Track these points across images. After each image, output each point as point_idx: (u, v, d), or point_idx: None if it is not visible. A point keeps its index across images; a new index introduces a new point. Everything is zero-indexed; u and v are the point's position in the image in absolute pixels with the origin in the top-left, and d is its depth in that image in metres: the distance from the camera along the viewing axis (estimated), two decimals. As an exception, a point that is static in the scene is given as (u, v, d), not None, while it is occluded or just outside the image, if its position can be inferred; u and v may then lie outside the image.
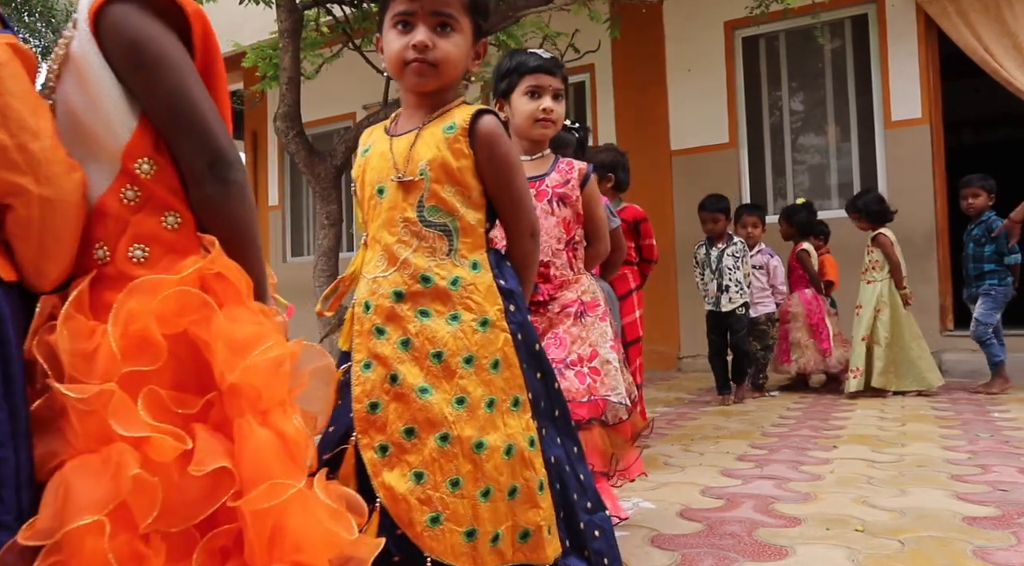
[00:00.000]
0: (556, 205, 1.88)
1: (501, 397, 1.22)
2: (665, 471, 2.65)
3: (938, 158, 5.38)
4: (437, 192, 1.26)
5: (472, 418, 1.19)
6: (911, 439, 3.01)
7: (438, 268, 1.25)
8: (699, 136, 6.03)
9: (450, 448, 1.17)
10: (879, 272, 4.31)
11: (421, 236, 1.26)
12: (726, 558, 1.72)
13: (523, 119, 1.87)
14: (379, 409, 1.19)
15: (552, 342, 1.80)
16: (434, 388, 1.19)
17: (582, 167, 1.93)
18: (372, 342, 1.23)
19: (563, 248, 1.87)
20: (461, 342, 1.21)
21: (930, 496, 2.17)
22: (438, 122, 1.30)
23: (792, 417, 3.73)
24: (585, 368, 1.78)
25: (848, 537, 1.84)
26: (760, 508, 2.12)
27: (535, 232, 1.37)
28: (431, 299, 1.24)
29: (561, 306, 1.84)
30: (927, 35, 5.37)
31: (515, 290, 1.30)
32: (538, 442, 1.24)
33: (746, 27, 5.85)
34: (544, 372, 1.31)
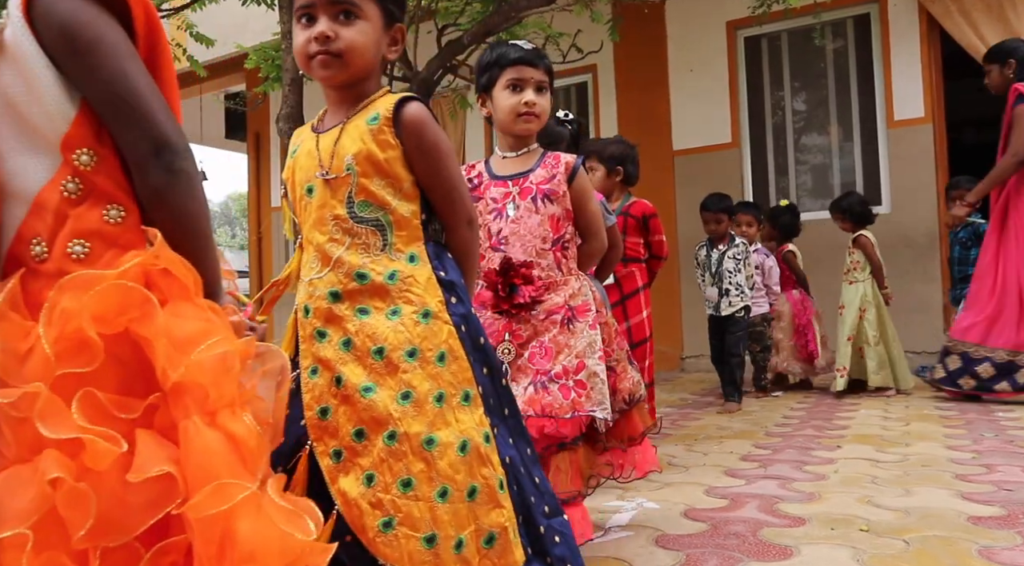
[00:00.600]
0: (541, 202, 1.78)
1: (450, 391, 1.17)
2: (669, 471, 2.65)
3: (941, 157, 5.38)
4: (366, 186, 1.22)
5: (420, 413, 1.13)
6: (915, 439, 3.01)
7: (373, 264, 1.21)
8: (701, 136, 6.03)
9: (398, 446, 1.11)
10: (861, 273, 4.40)
11: (353, 233, 1.22)
12: (731, 558, 1.72)
13: (505, 114, 1.79)
14: (329, 414, 1.15)
15: (537, 351, 1.71)
16: (378, 386, 1.14)
17: (569, 160, 1.83)
18: (315, 346, 1.19)
19: (549, 248, 1.77)
20: (403, 335, 1.16)
21: (935, 496, 2.16)
22: (362, 114, 1.25)
23: (795, 417, 3.72)
24: (571, 381, 1.68)
25: (853, 537, 1.83)
26: (764, 508, 2.11)
27: (472, 220, 1.32)
28: (369, 296, 1.19)
29: (547, 312, 1.73)
30: (929, 34, 5.37)
31: (456, 282, 1.25)
32: (494, 440, 1.18)
33: (748, 27, 5.85)
34: (491, 367, 1.25)
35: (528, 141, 1.85)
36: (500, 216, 1.78)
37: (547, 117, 1.82)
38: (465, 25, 4.49)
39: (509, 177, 1.82)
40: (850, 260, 4.44)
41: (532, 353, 1.71)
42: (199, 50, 5.03)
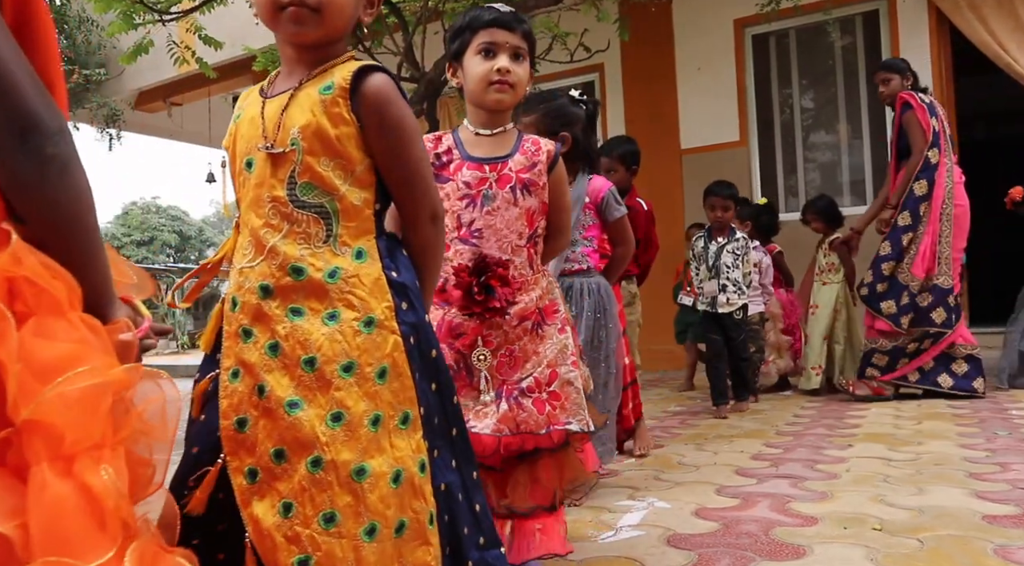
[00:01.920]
0: (521, 194, 1.59)
1: (388, 412, 1.02)
2: (679, 470, 2.64)
3: (951, 154, 5.33)
4: (311, 166, 1.05)
5: (351, 439, 0.99)
6: (927, 437, 2.99)
7: (313, 258, 1.04)
8: (709, 134, 6.01)
9: (323, 475, 0.97)
10: (836, 274, 4.47)
11: (292, 219, 1.05)
12: (743, 557, 1.71)
13: (475, 82, 1.59)
14: (247, 426, 1.01)
15: (506, 361, 1.57)
16: (306, 402, 0.99)
17: (550, 148, 1.66)
18: (239, 346, 1.04)
19: (524, 244, 1.59)
20: (339, 346, 1.01)
21: (948, 494, 2.15)
22: (316, 81, 1.08)
23: (806, 416, 3.70)
24: (544, 393, 1.56)
25: (866, 536, 1.82)
26: (776, 507, 2.10)
27: (437, 215, 1.16)
28: (304, 295, 1.04)
29: (520, 316, 1.58)
30: (939, 30, 5.33)
31: (409, 285, 1.10)
32: (428, 467, 1.06)
33: (756, 25, 5.82)
34: (440, 383, 1.12)
35: (503, 118, 1.65)
36: (473, 205, 1.58)
37: (524, 89, 1.63)
38: (472, 25, 4.48)
39: (486, 160, 1.62)
40: (825, 261, 4.51)
41: (500, 362, 1.58)
42: (208, 52, 5.05)
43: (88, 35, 8.51)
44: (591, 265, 2.45)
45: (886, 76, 4.11)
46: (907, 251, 3.93)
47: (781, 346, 4.56)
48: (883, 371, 3.99)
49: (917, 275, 3.89)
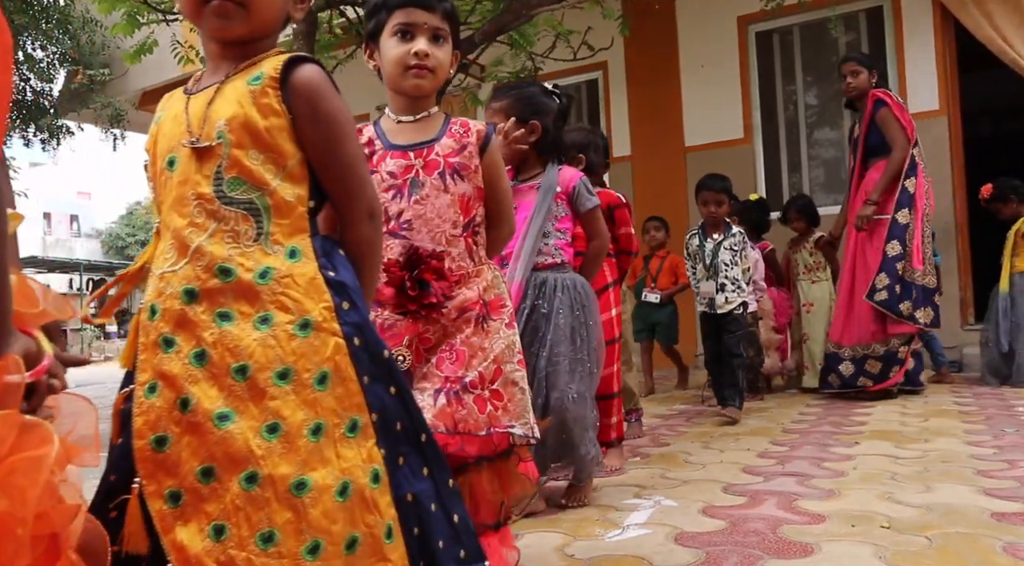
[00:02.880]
0: (451, 179, 1.48)
1: (332, 421, 0.95)
2: (686, 469, 2.64)
3: (956, 150, 5.33)
4: (239, 160, 0.99)
5: (289, 451, 0.92)
6: (934, 435, 2.98)
7: (242, 258, 0.98)
8: (713, 132, 6.00)
9: (259, 492, 0.90)
10: (824, 272, 4.49)
11: (219, 217, 0.99)
12: (751, 556, 1.71)
13: (391, 66, 1.48)
14: (168, 444, 0.93)
15: (447, 356, 1.44)
16: (237, 413, 0.92)
17: (480, 128, 1.54)
18: (158, 357, 0.96)
19: (460, 234, 1.49)
20: (273, 352, 0.94)
21: (956, 492, 2.14)
22: (244, 74, 1.03)
23: (812, 413, 3.70)
24: (486, 391, 1.42)
25: (874, 534, 1.82)
26: (783, 505, 2.10)
27: (375, 213, 1.09)
28: (234, 298, 0.96)
29: (459, 309, 1.46)
30: (943, 26, 5.32)
31: (350, 283, 1.03)
32: (385, 476, 0.98)
33: (759, 22, 5.82)
34: (398, 385, 1.05)
35: (425, 103, 1.54)
36: (400, 195, 1.48)
37: (446, 73, 1.52)
38: (476, 24, 4.49)
39: (410, 147, 1.51)
40: (812, 260, 4.52)
41: (440, 358, 1.44)
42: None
43: (92, 35, 8.52)
44: (565, 259, 2.24)
45: (856, 68, 4.09)
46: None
47: (771, 344, 4.48)
48: (876, 379, 3.94)
49: (917, 267, 3.89)
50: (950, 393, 4.09)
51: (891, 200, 3.94)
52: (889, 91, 4.09)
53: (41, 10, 8.48)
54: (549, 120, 2.23)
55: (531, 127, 2.19)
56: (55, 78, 9.30)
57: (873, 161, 4.04)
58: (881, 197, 3.95)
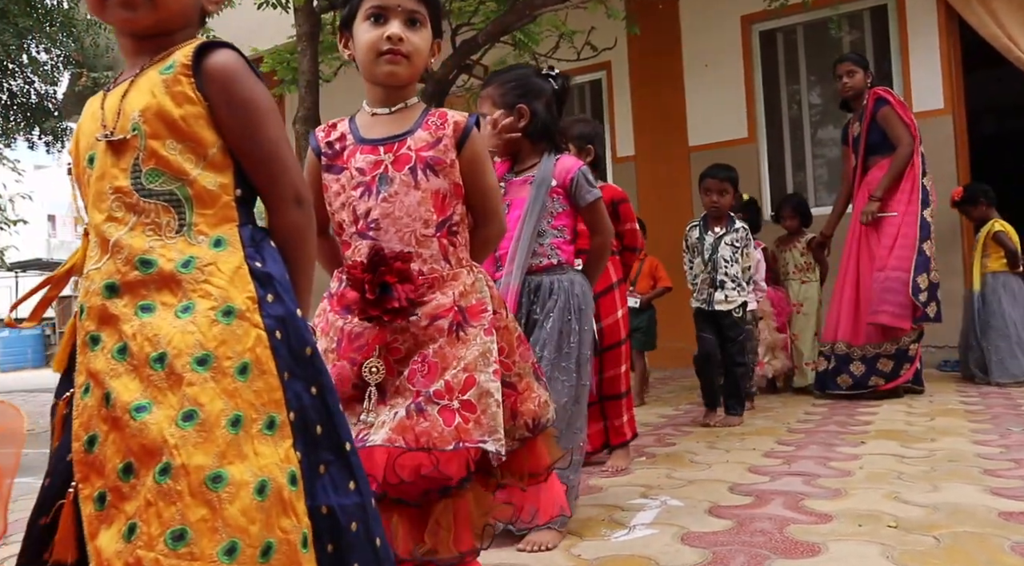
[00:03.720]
0: (423, 174, 1.38)
1: (251, 415, 0.89)
2: (691, 468, 2.64)
3: (962, 148, 5.31)
4: (156, 150, 0.96)
5: (206, 440, 0.85)
6: (941, 434, 2.97)
7: (164, 249, 0.94)
8: (717, 131, 5.99)
9: (171, 484, 0.83)
10: (813, 272, 4.50)
11: (139, 210, 0.96)
12: (758, 556, 1.70)
13: (364, 53, 1.40)
14: (96, 445, 0.88)
15: (418, 368, 1.33)
16: (155, 404, 0.87)
17: (459, 119, 1.42)
18: (87, 356, 0.93)
19: (433, 234, 1.38)
20: (193, 337, 0.90)
21: (963, 491, 2.14)
22: (157, 64, 1.00)
23: (818, 413, 3.69)
24: (456, 402, 1.30)
25: (881, 533, 1.81)
26: (790, 505, 2.10)
27: (301, 198, 1.04)
28: (156, 288, 0.93)
29: (431, 317, 1.34)
30: (948, 24, 5.30)
31: (276, 275, 0.99)
32: (302, 481, 0.92)
33: (763, 21, 5.81)
34: (323, 386, 0.98)
35: (402, 93, 1.44)
36: (369, 193, 1.39)
37: (423, 60, 1.42)
38: (479, 24, 4.49)
39: (380, 141, 1.42)
40: (803, 260, 4.51)
41: (412, 371, 1.34)
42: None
43: (96, 38, 8.55)
44: (563, 259, 2.03)
45: (852, 68, 4.12)
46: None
47: (776, 345, 4.40)
48: (888, 377, 3.94)
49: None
50: (956, 392, 4.08)
51: (893, 197, 3.94)
52: (889, 89, 4.10)
53: (45, 13, 8.51)
54: (540, 104, 2.04)
55: (518, 112, 2.02)
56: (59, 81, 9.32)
57: (874, 159, 4.05)
58: (885, 194, 3.95)
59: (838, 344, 4.05)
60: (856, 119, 4.15)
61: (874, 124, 4.01)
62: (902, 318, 3.87)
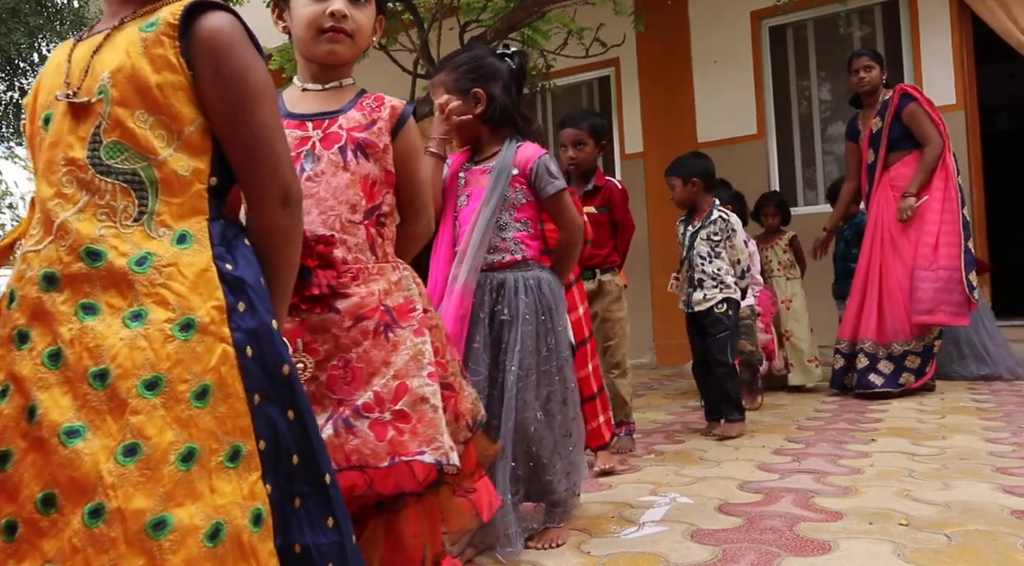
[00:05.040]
0: (353, 156, 1.28)
1: (209, 446, 0.79)
2: (700, 466, 2.63)
3: (974, 144, 5.27)
4: (122, 121, 0.83)
5: (149, 480, 0.75)
6: (952, 431, 2.95)
7: (117, 240, 0.82)
8: (727, 128, 5.97)
9: (104, 530, 0.72)
10: (795, 270, 4.48)
11: (93, 188, 0.83)
12: (768, 553, 1.70)
13: (303, 29, 1.30)
14: (10, 462, 0.77)
15: (339, 374, 1.22)
16: (91, 429, 0.75)
17: (396, 105, 1.34)
18: (12, 354, 0.81)
19: (361, 221, 1.28)
20: (141, 355, 0.78)
21: (975, 489, 2.12)
22: (140, 19, 0.87)
23: (827, 410, 3.68)
24: (387, 414, 1.20)
25: (892, 531, 1.81)
26: (800, 502, 2.09)
27: (290, 197, 0.92)
28: (103, 287, 0.80)
29: (354, 317, 1.23)
30: (960, 19, 5.26)
31: (250, 281, 0.86)
32: (268, 518, 0.82)
33: (773, 16, 5.78)
34: (301, 410, 0.88)
35: (338, 72, 1.36)
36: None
37: (367, 40, 1.34)
38: (487, 21, 4.48)
39: (309, 117, 1.33)
40: (786, 257, 4.49)
41: (332, 377, 1.22)
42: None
43: (106, 36, 8.58)
44: (528, 255, 1.88)
45: (870, 63, 4.07)
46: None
47: (760, 344, 4.20)
48: (917, 374, 3.88)
49: None
50: (967, 390, 4.05)
51: (921, 192, 3.91)
52: (917, 86, 4.08)
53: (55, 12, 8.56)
54: (497, 87, 1.88)
55: (473, 96, 1.87)
56: None
57: (896, 154, 4.00)
58: (918, 190, 3.91)
59: (864, 342, 3.95)
60: (874, 115, 4.09)
61: (897, 120, 3.97)
62: (960, 316, 3.82)
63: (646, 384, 5.06)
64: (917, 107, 3.92)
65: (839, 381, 4.12)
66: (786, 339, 4.39)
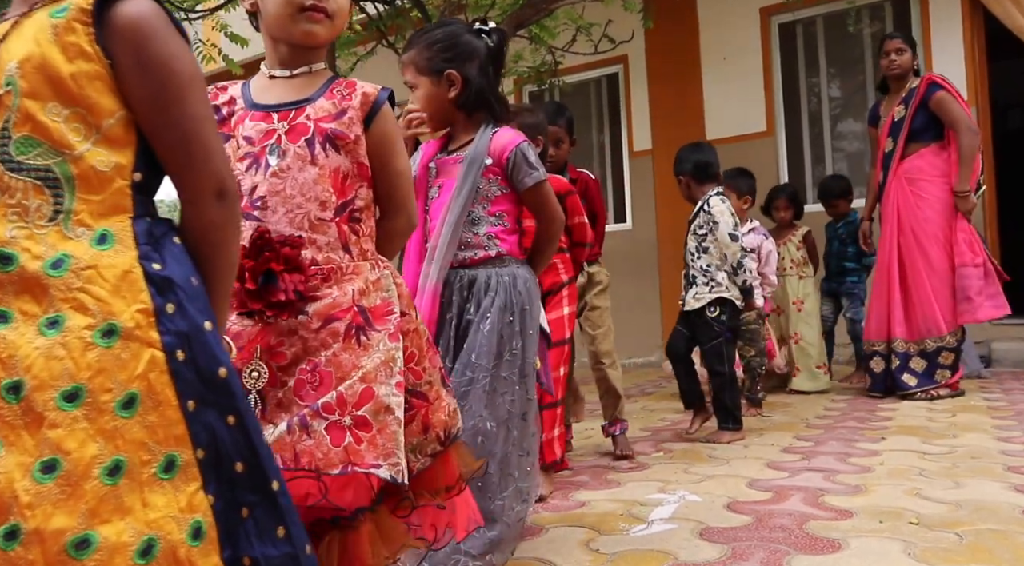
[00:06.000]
0: (322, 149, 1.20)
1: (139, 457, 0.74)
2: (709, 464, 2.62)
3: (986, 142, 5.21)
4: (33, 114, 0.78)
5: (71, 497, 0.70)
6: (963, 430, 2.94)
7: (30, 241, 0.77)
8: (736, 125, 5.94)
9: (20, 552, 0.68)
10: (807, 267, 4.31)
11: (2, 187, 0.79)
12: (778, 551, 1.69)
13: (279, 6, 1.22)
14: None
15: (308, 378, 1.14)
16: (4, 446, 0.71)
17: (368, 91, 1.25)
18: None
19: (331, 218, 1.20)
20: (59, 365, 0.73)
21: (986, 488, 2.11)
22: (51, 5, 0.82)
23: (836, 409, 3.66)
24: (347, 418, 1.11)
25: (903, 530, 1.80)
26: (809, 501, 2.08)
27: (225, 191, 0.86)
28: (14, 292, 0.76)
29: (324, 318, 1.15)
30: (972, 16, 5.22)
31: (179, 281, 0.81)
32: (212, 531, 0.77)
33: (782, 13, 5.75)
34: (241, 414, 0.82)
35: (309, 56, 1.27)
36: (256, 166, 1.22)
37: (344, 21, 1.26)
38: (496, 18, 4.48)
39: (274, 107, 1.25)
40: (800, 255, 4.32)
41: (299, 381, 1.14)
42: (234, 49, 5.09)
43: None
44: (503, 250, 1.73)
45: (903, 46, 3.91)
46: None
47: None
48: (952, 370, 3.77)
49: None
50: (978, 388, 4.02)
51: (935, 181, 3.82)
52: (945, 76, 3.90)
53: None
54: (473, 67, 1.74)
55: (447, 79, 1.73)
56: None
57: (915, 146, 3.86)
58: (925, 174, 3.80)
59: (896, 342, 3.81)
60: (898, 102, 3.92)
61: (922, 110, 3.82)
62: (1002, 306, 3.74)
63: (654, 382, 5.05)
64: (946, 96, 3.76)
65: (881, 385, 3.87)
66: (794, 342, 4.23)
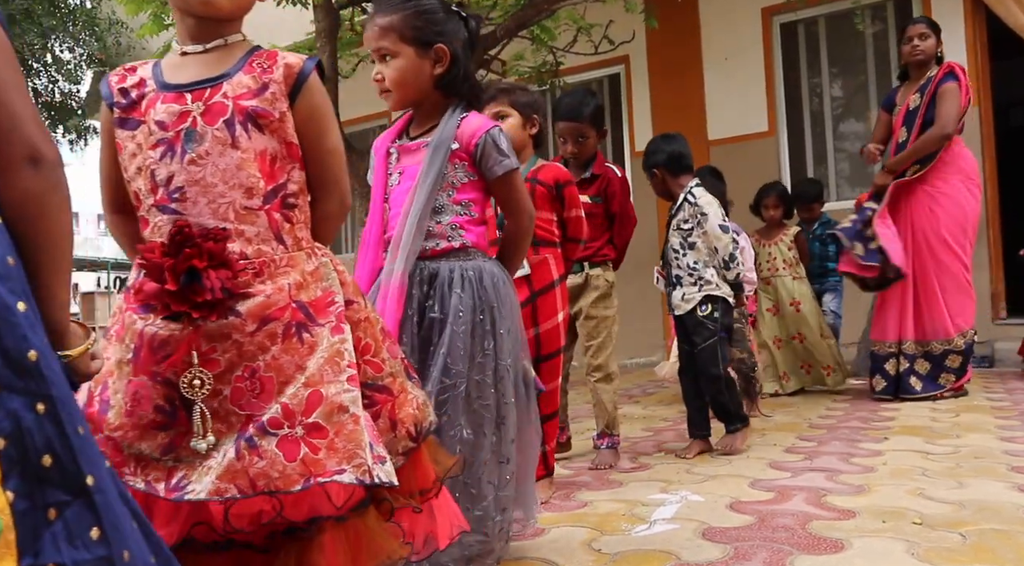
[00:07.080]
0: (242, 130, 1.10)
1: None
2: (711, 463, 2.62)
3: (988, 141, 5.22)
4: None
5: None
6: (966, 430, 2.93)
7: None
8: (738, 125, 5.94)
9: None
10: (801, 267, 4.24)
11: None
12: (780, 551, 1.69)
13: None
14: None
15: (245, 386, 1.05)
16: None
17: (292, 62, 1.14)
18: None
19: (260, 206, 1.10)
20: None
21: (990, 488, 2.11)
22: None
23: (839, 409, 3.66)
24: (299, 429, 1.03)
25: (906, 530, 1.79)
26: (812, 501, 2.08)
27: (39, 156, 0.77)
28: None
29: (260, 319, 1.06)
30: (974, 15, 5.21)
31: None
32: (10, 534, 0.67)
33: (784, 12, 5.75)
34: (54, 401, 0.72)
35: (222, 28, 1.15)
36: (172, 153, 1.10)
37: None
38: (497, 19, 4.48)
39: (187, 87, 1.13)
40: (792, 255, 4.23)
41: (237, 389, 1.05)
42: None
43: (118, 37, 8.66)
44: (467, 242, 1.60)
45: (927, 31, 3.79)
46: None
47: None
48: (958, 373, 3.72)
49: None
50: (982, 388, 4.01)
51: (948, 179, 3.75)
52: (964, 67, 3.80)
53: (68, 12, 8.63)
54: (459, 46, 1.61)
55: (435, 53, 1.59)
56: (82, 79, 9.46)
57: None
58: (935, 173, 3.72)
59: (906, 344, 3.75)
60: (914, 90, 3.82)
61: (936, 98, 3.73)
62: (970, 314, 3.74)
63: (657, 382, 5.05)
64: (956, 87, 3.67)
65: (892, 388, 3.79)
66: (799, 343, 4.18)
